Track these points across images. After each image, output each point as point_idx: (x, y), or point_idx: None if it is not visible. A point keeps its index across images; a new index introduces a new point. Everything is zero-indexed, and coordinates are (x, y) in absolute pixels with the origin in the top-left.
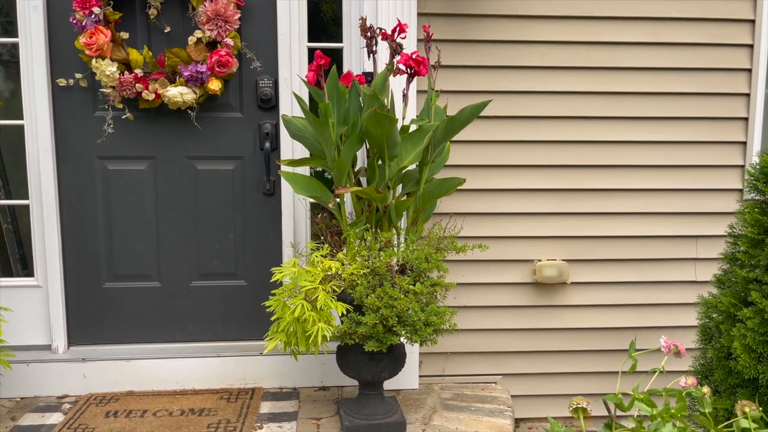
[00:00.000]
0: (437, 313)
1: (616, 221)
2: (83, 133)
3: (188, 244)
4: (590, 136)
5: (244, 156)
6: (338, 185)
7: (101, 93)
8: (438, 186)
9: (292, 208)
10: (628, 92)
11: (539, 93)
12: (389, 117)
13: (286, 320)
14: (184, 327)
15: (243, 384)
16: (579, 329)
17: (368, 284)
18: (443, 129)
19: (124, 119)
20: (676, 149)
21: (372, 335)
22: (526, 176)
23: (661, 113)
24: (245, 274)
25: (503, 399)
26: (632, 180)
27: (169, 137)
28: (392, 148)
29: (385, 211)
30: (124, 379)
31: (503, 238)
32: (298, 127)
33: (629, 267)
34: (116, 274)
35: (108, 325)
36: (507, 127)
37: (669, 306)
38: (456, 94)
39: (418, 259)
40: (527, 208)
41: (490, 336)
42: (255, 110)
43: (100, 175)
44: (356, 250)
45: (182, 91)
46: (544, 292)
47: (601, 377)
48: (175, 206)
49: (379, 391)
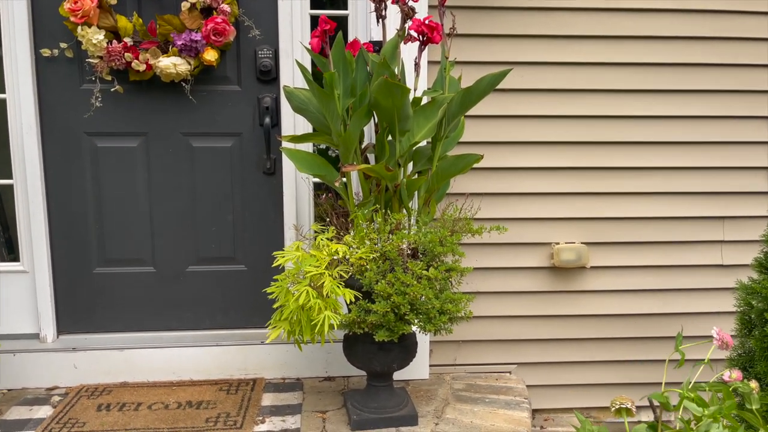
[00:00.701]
0: (452, 300)
1: (639, 201)
2: (70, 107)
3: (184, 226)
4: (612, 110)
5: (242, 132)
6: (345, 163)
7: (88, 63)
8: (453, 163)
9: (295, 188)
10: (653, 63)
11: (558, 64)
12: (401, 87)
13: (290, 308)
14: (180, 314)
15: (244, 374)
16: (598, 316)
17: (378, 269)
18: (459, 101)
19: (113, 92)
20: (702, 124)
21: (382, 324)
22: (543, 154)
23: (687, 86)
24: (245, 258)
25: (519, 390)
26: (656, 157)
27: (162, 112)
28: (404, 121)
29: (395, 190)
30: (117, 370)
31: (519, 220)
32: (300, 100)
33: (652, 250)
34: (108, 259)
35: (100, 313)
36: (524, 100)
37: (694, 291)
38: (469, 66)
39: (431, 243)
40: (544, 188)
41: (505, 323)
42: (254, 83)
43: (89, 152)
44: (365, 233)
45: (175, 61)
46: (562, 277)
47: (622, 366)
48: (170, 186)
49: (389, 382)
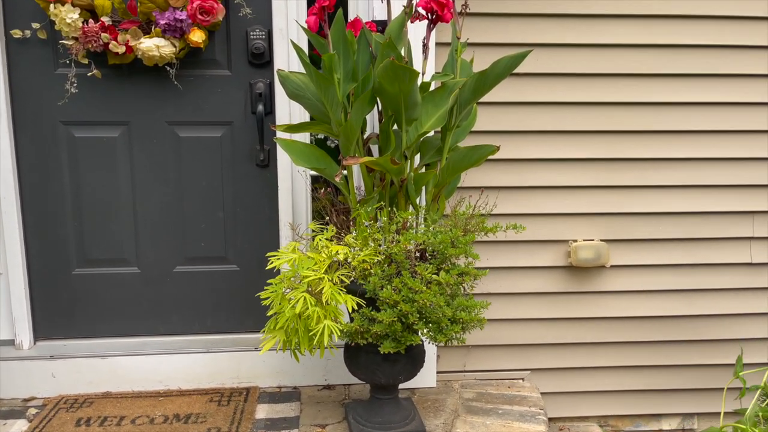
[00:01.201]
0: (466, 307)
1: (663, 195)
2: (44, 94)
3: (171, 224)
4: (636, 96)
5: (233, 121)
6: (346, 155)
7: (62, 45)
8: (466, 155)
9: (290, 182)
10: (681, 45)
11: (578, 46)
12: (409, 70)
13: (286, 316)
14: (168, 318)
15: (236, 383)
16: (618, 318)
17: (383, 274)
18: (472, 86)
19: (91, 77)
20: (732, 112)
21: (388, 334)
22: (560, 144)
23: (718, 70)
24: (237, 257)
25: (534, 399)
26: (682, 147)
27: (145, 99)
28: (411, 109)
29: (402, 185)
30: (99, 379)
31: (533, 216)
32: (297, 85)
33: (676, 248)
34: (88, 259)
35: (80, 318)
36: (540, 86)
37: (721, 291)
38: (482, 48)
39: (442, 244)
40: (561, 181)
41: (517, 327)
42: (245, 67)
43: (66, 143)
44: (368, 233)
45: (158, 43)
46: (580, 277)
47: (644, 372)
48: (155, 180)
49: (394, 394)
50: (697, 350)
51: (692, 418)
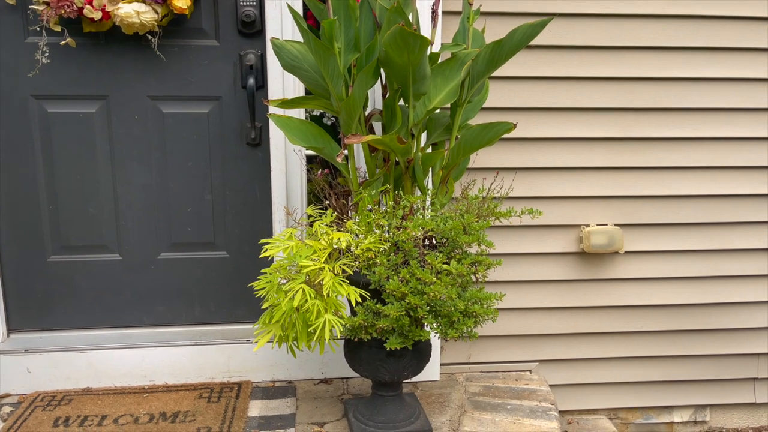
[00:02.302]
0: (479, 299)
1: (680, 177)
2: (13, 65)
3: (154, 207)
4: (655, 71)
5: (222, 96)
6: (347, 133)
7: (32, 11)
8: (479, 134)
9: (284, 162)
10: (705, 16)
11: (593, 16)
12: (420, 37)
13: (283, 309)
14: (152, 309)
15: (227, 377)
16: (631, 307)
17: (389, 263)
18: (486, 57)
19: (64, 46)
20: (755, 88)
21: (394, 329)
22: (573, 122)
23: (742, 43)
24: (226, 243)
25: (544, 393)
26: (702, 126)
27: (125, 71)
28: (420, 82)
29: (408, 166)
30: (78, 375)
31: (544, 199)
32: (293, 55)
33: (693, 232)
34: (64, 246)
35: (57, 308)
36: (553, 59)
37: (739, 279)
38: (494, 17)
39: (454, 230)
40: (574, 162)
41: (525, 316)
42: (235, 36)
43: (38, 119)
44: (372, 219)
45: (138, 8)
46: (592, 264)
47: (657, 363)
48: (137, 159)
49: (398, 391)
50: (711, 340)
51: (705, 410)
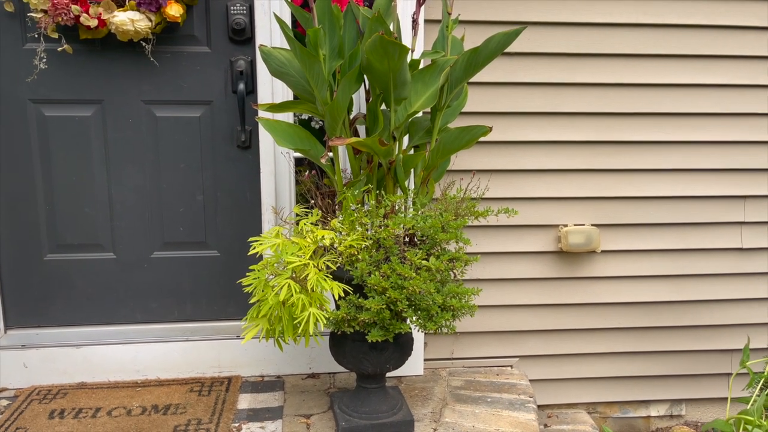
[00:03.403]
0: (456, 294)
1: (654, 179)
2: (11, 70)
3: (148, 207)
4: (628, 77)
5: (213, 100)
6: (332, 135)
7: (30, 18)
8: (457, 136)
9: (273, 164)
10: (676, 24)
11: (573, 25)
12: (399, 45)
13: (269, 303)
14: (145, 306)
15: (217, 372)
16: (608, 304)
17: (371, 260)
18: (463, 64)
19: (61, 52)
20: (724, 94)
21: (376, 322)
22: (551, 126)
23: (713, 51)
24: (217, 243)
25: (523, 387)
26: (675, 130)
27: (119, 77)
28: (401, 87)
29: (390, 167)
30: (74, 369)
31: (523, 200)
32: (280, 61)
33: (666, 232)
34: (61, 244)
35: (53, 305)
36: (532, 65)
37: (711, 277)
38: (472, 26)
39: (433, 228)
40: (552, 164)
41: (506, 313)
42: (226, 43)
43: (36, 122)
44: (355, 217)
45: (133, 17)
46: (570, 262)
47: (633, 358)
48: (131, 162)
49: (381, 383)
50: (686, 336)
51: (680, 405)
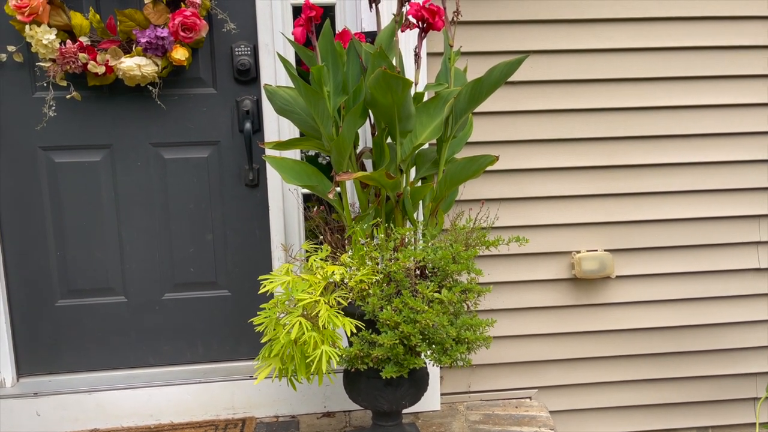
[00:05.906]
0: (471, 326)
1: (666, 202)
2: (22, 119)
3: (158, 249)
4: (633, 101)
5: (220, 140)
6: (338, 171)
7: (39, 68)
8: (464, 167)
9: (282, 201)
10: (679, 47)
11: (573, 52)
12: (402, 79)
13: (281, 342)
14: (157, 348)
15: (231, 414)
16: (626, 331)
17: (382, 294)
18: (467, 95)
19: (70, 99)
20: (732, 114)
21: (390, 358)
22: (559, 152)
23: (718, 71)
24: (228, 282)
25: (543, 419)
26: (685, 152)
27: (127, 121)
28: (405, 121)
29: (398, 200)
30: (86, 417)
31: (534, 227)
32: (285, 100)
33: (682, 255)
34: (72, 290)
35: (65, 351)
36: (536, 93)
37: (729, 299)
38: (475, 56)
39: (443, 260)
40: (561, 191)
41: (522, 343)
42: (231, 84)
43: (46, 169)
44: (365, 252)
45: (140, 62)
46: (585, 289)
47: (655, 385)
48: (140, 204)
49: (398, 421)
50: (707, 361)
51: None
